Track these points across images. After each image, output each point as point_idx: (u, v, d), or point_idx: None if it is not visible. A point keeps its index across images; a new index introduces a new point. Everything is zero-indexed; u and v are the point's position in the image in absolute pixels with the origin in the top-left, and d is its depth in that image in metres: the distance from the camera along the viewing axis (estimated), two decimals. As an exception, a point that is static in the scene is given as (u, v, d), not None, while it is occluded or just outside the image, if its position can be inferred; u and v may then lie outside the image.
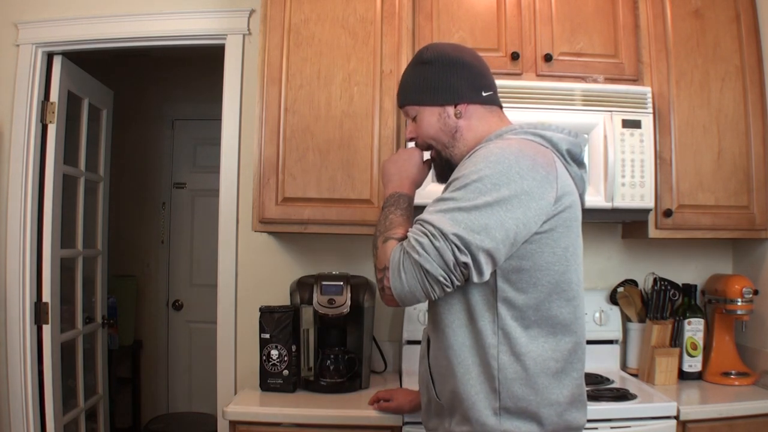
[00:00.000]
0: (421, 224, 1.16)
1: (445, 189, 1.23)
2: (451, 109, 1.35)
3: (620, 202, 1.99)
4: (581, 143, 1.34)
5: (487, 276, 1.16)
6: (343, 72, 2.05)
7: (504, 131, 1.30)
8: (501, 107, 1.41)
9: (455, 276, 1.13)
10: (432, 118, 1.37)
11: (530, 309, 1.20)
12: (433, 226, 1.13)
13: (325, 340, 2.05)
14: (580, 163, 1.34)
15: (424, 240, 1.13)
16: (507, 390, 1.19)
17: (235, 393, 2.28)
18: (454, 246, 1.11)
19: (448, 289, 1.15)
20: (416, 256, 1.13)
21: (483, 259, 1.13)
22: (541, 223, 1.18)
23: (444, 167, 1.40)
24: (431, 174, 1.99)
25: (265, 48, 2.05)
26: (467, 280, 1.15)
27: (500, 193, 1.14)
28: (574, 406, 1.25)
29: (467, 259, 1.12)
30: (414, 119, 1.40)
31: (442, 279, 1.12)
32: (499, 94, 1.41)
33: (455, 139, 1.36)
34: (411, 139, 1.44)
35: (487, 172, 1.16)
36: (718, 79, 2.12)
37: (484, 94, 1.36)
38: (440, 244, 1.11)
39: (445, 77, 1.36)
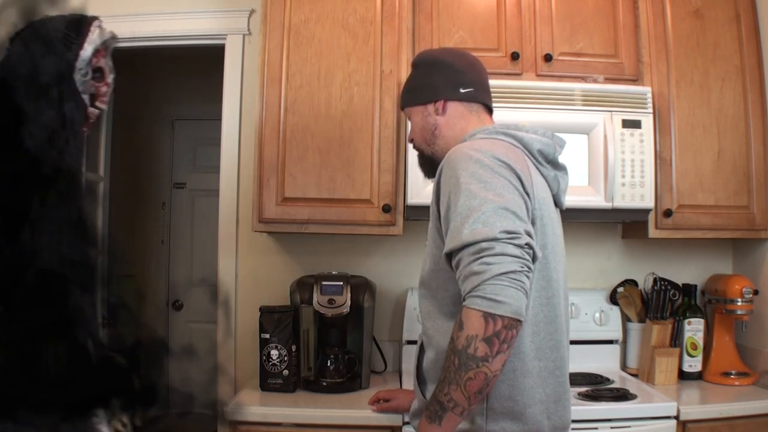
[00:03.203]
0: (466, 254, 1.10)
1: (437, 207, 1.25)
2: (431, 107, 1.40)
3: (620, 202, 1.99)
4: (558, 143, 1.35)
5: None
6: (343, 72, 2.05)
7: (476, 132, 1.33)
8: (487, 106, 1.43)
9: (526, 260, 1.09)
10: (417, 118, 1.44)
11: None
12: (479, 242, 1.08)
13: (325, 340, 2.05)
14: (554, 164, 1.35)
15: (484, 258, 1.07)
16: (494, 390, 1.19)
17: (235, 393, 2.28)
18: (508, 240, 1.08)
19: (530, 275, 1.11)
20: (492, 270, 1.06)
21: (530, 231, 1.13)
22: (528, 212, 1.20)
23: (427, 165, 1.46)
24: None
25: (265, 48, 2.05)
26: (534, 259, 1.12)
27: (495, 181, 1.16)
28: (559, 404, 1.25)
29: (526, 240, 1.10)
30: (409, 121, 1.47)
31: (520, 267, 1.08)
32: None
33: (435, 137, 1.41)
34: (411, 140, 1.49)
35: (470, 169, 1.18)
36: (718, 79, 2.12)
37: (462, 90, 1.39)
38: (500, 247, 1.07)
39: (426, 77, 1.42)
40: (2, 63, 1.22)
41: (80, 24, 1.29)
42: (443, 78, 1.40)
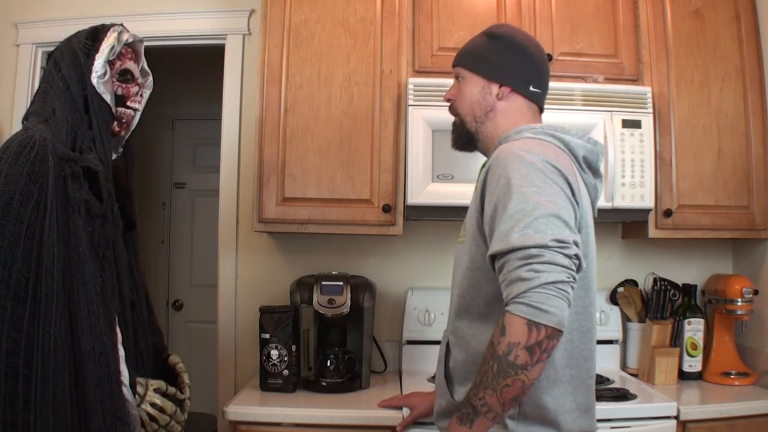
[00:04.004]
0: (513, 258, 1.07)
1: (481, 205, 1.22)
2: (495, 87, 1.35)
3: (620, 202, 1.99)
4: (599, 152, 1.33)
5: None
6: (343, 72, 2.05)
7: (524, 129, 1.30)
8: (542, 110, 1.41)
9: (573, 270, 1.09)
10: (475, 88, 1.37)
11: None
12: (529, 247, 1.06)
13: (325, 340, 2.05)
14: (595, 172, 1.34)
15: (532, 265, 1.05)
16: (528, 396, 1.18)
17: (235, 393, 2.28)
18: (558, 249, 1.07)
19: (575, 285, 1.10)
20: (540, 278, 1.04)
21: (578, 241, 1.12)
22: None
23: (462, 136, 1.41)
24: (431, 174, 2.00)
25: (265, 48, 2.05)
26: (578, 270, 1.11)
27: (548, 187, 1.14)
28: (588, 413, 1.25)
29: (575, 250, 1.09)
30: (458, 82, 1.41)
31: (567, 278, 1.07)
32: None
33: (487, 118, 1.36)
34: (447, 100, 1.44)
35: (523, 172, 1.15)
36: (718, 79, 2.12)
37: (531, 88, 1.36)
38: (549, 255, 1.06)
39: (503, 56, 1.36)
40: (42, 77, 1.35)
41: (98, 31, 1.34)
42: (521, 67, 1.35)
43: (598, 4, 2.12)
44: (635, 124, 2.01)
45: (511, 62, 1.35)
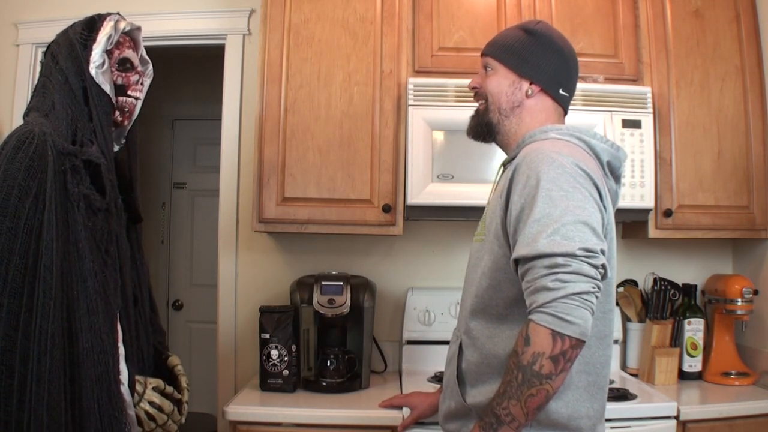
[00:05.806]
0: (539, 265, 1.06)
1: (505, 203, 1.20)
2: (525, 84, 1.33)
3: (620, 202, 1.97)
4: (621, 157, 1.32)
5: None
6: (343, 72, 2.05)
7: (549, 129, 1.28)
8: (566, 113, 1.40)
9: (599, 280, 1.08)
10: (504, 81, 1.35)
11: None
12: (556, 255, 1.05)
13: (325, 340, 2.05)
14: (617, 178, 1.33)
15: (559, 275, 1.04)
16: None
17: (235, 393, 2.28)
18: (585, 258, 1.06)
19: (599, 294, 1.09)
20: (567, 289, 1.04)
21: (605, 249, 1.11)
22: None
23: (482, 126, 1.38)
24: (431, 174, 2.00)
25: (265, 48, 2.05)
26: (603, 278, 1.10)
27: (576, 192, 1.12)
28: (601, 420, 1.24)
29: (602, 260, 1.08)
30: (486, 72, 1.38)
31: (592, 288, 1.06)
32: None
33: (513, 113, 1.34)
34: (472, 89, 1.41)
35: (552, 174, 1.13)
36: (718, 79, 2.12)
37: (561, 91, 1.35)
38: (576, 265, 1.05)
39: (539, 54, 1.34)
40: (41, 71, 1.33)
41: (94, 21, 1.33)
42: (554, 68, 1.34)
43: (598, 4, 2.12)
44: (635, 124, 2.01)
45: (545, 62, 1.33)
